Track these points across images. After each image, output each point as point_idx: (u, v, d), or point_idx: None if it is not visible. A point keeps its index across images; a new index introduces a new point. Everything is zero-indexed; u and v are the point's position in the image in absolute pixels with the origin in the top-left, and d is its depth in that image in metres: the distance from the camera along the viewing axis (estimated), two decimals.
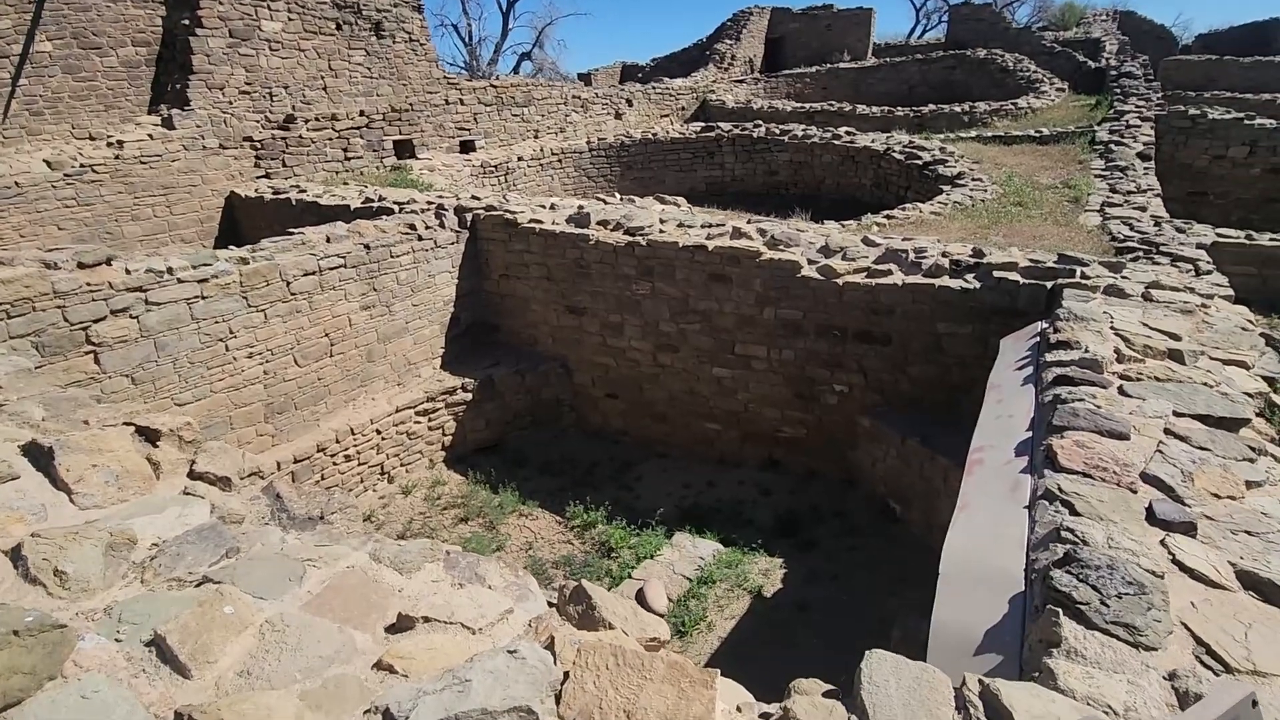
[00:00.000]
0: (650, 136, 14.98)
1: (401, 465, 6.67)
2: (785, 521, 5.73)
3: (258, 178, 9.89)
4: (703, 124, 15.54)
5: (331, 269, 6.00)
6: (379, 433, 6.39)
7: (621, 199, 7.99)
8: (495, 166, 13.06)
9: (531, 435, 7.28)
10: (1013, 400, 3.27)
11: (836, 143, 13.39)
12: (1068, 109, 14.48)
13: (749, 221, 6.57)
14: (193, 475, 1.87)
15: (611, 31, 75.72)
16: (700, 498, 6.23)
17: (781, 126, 14.54)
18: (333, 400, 6.19)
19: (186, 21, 9.21)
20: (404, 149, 11.93)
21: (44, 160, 7.92)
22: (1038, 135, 11.85)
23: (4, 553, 1.26)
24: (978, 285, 5.06)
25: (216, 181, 9.39)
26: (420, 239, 6.83)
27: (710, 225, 6.45)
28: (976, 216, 7.67)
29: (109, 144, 8.47)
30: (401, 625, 1.63)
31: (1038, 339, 3.91)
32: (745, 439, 6.46)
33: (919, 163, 10.60)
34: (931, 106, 15.55)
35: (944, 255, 5.45)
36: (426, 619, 1.64)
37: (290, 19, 10.17)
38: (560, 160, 14.47)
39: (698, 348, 6.37)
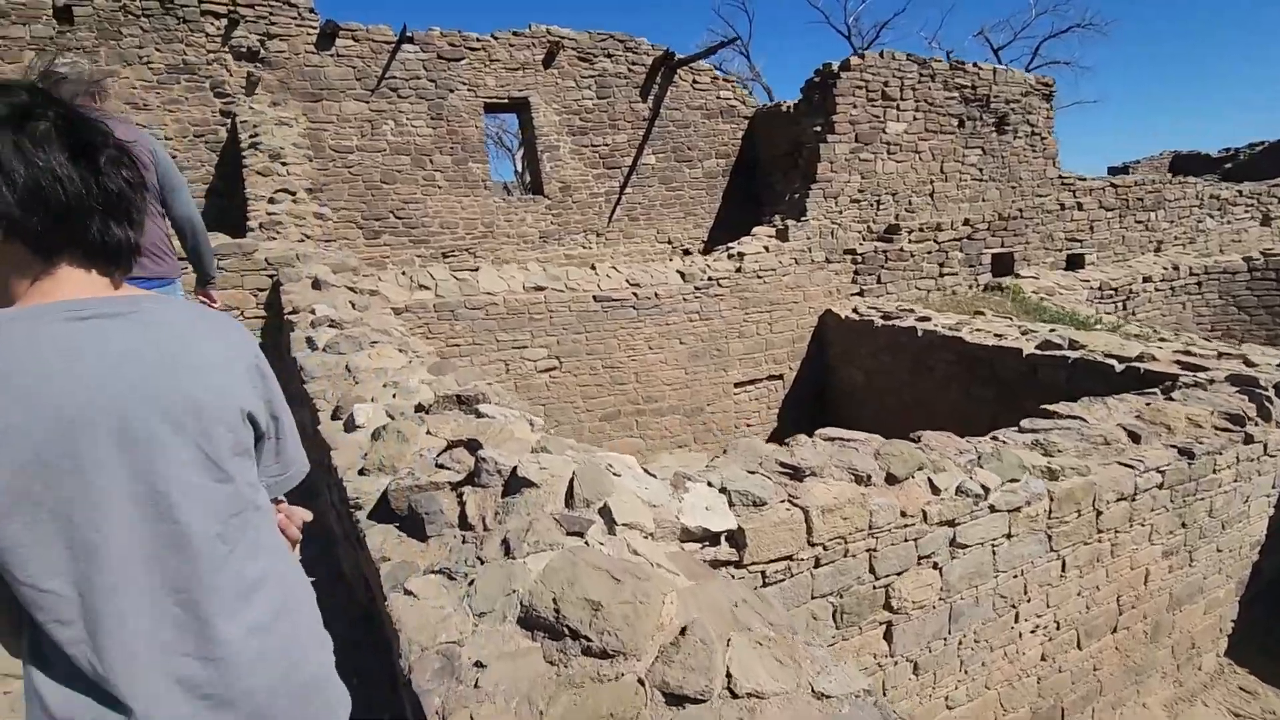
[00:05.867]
0: None
1: None
2: None
3: (851, 294, 8.54)
4: None
5: (1144, 490, 3.57)
6: None
7: None
8: (1115, 289, 9.72)
9: None
10: None
11: None
12: None
13: None
14: None
15: (1119, 120, 64.94)
16: None
17: None
18: (1100, 706, 3.67)
19: (819, 128, 8.42)
20: (1000, 264, 9.53)
21: (678, 271, 7.61)
22: None
23: None
24: None
25: (815, 298, 8.26)
26: (1249, 440, 4.00)
27: None
28: None
29: (730, 256, 7.92)
30: None
31: None
32: None
33: None
34: None
35: None
36: None
37: (915, 118, 8.78)
38: (1200, 283, 10.34)
39: None
